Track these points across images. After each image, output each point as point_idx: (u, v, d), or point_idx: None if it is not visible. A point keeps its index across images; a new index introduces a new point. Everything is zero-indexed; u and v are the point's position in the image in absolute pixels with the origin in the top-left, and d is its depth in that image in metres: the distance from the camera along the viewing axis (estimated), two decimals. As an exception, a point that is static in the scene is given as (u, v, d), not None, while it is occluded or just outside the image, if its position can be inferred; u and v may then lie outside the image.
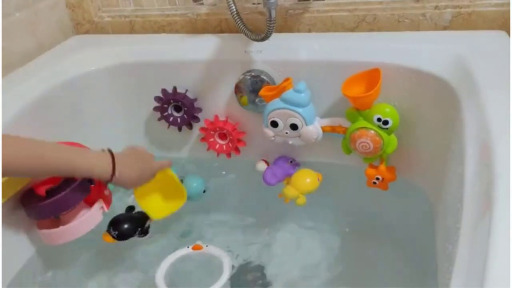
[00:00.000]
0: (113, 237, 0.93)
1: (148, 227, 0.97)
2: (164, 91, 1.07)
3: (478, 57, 0.84)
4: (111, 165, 0.76)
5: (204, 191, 1.09)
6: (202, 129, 1.10)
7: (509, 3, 0.93)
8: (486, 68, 0.80)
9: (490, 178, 0.57)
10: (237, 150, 1.09)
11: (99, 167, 0.75)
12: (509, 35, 0.92)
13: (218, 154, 1.11)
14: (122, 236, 0.94)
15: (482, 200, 0.57)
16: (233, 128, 1.07)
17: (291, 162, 1.06)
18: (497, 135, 0.63)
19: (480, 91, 0.74)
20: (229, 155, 1.11)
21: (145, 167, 0.85)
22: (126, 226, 0.94)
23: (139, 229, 0.96)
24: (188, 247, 0.97)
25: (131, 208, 0.99)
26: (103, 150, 0.79)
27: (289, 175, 1.03)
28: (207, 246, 0.97)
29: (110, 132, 1.14)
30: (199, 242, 0.98)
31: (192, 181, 1.08)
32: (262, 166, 1.08)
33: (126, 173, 0.79)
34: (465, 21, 0.97)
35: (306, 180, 0.98)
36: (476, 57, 0.84)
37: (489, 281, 0.45)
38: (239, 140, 1.08)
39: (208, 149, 1.11)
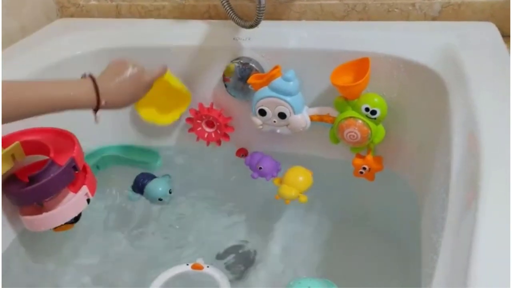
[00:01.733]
0: (72, 222, 0.91)
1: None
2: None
3: (467, 48, 0.84)
4: (94, 91, 0.70)
5: (170, 192, 1.08)
6: (189, 119, 1.09)
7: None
8: (474, 59, 0.80)
9: (477, 168, 0.57)
10: (226, 136, 1.08)
11: (81, 96, 0.69)
12: (497, 26, 0.93)
13: (208, 143, 1.10)
14: (77, 216, 0.91)
15: (468, 190, 0.57)
16: (219, 114, 1.06)
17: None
18: (484, 125, 0.64)
19: (468, 81, 0.74)
20: (219, 142, 1.10)
21: (136, 85, 0.77)
22: None
23: None
24: (187, 264, 0.92)
25: None
26: (83, 76, 0.73)
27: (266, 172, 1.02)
28: (208, 266, 0.91)
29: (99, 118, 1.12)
30: (199, 261, 0.91)
31: (157, 184, 1.07)
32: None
33: (114, 96, 0.72)
34: (454, 12, 0.97)
35: (299, 178, 0.95)
36: (464, 48, 0.84)
37: (474, 271, 0.46)
38: (226, 126, 1.07)
39: (197, 140, 1.10)
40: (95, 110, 0.72)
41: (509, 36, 0.91)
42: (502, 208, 0.52)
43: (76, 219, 0.92)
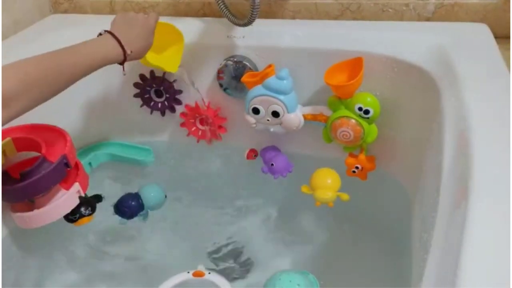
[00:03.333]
0: (88, 215, 0.90)
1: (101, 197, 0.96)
2: (142, 76, 1.05)
3: (460, 48, 0.85)
4: (118, 45, 0.74)
5: (165, 196, 1.05)
6: (183, 114, 1.08)
7: (491, -4, 0.94)
8: (467, 60, 0.81)
9: (467, 168, 0.58)
10: (218, 136, 1.08)
11: (109, 52, 0.74)
12: (490, 27, 0.93)
13: (198, 140, 1.10)
14: (94, 207, 0.92)
15: (459, 189, 0.58)
16: (214, 114, 1.05)
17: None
18: (475, 125, 0.64)
19: (460, 82, 0.75)
20: (209, 141, 1.10)
21: (148, 30, 0.82)
22: (90, 202, 0.92)
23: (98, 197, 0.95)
24: (188, 272, 0.88)
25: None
26: (100, 34, 0.77)
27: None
28: (209, 273, 0.88)
29: (92, 115, 1.11)
30: (201, 268, 0.89)
31: (149, 190, 1.03)
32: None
33: (135, 45, 0.77)
34: (448, 13, 0.97)
35: (327, 181, 0.93)
36: (457, 48, 0.85)
37: (463, 269, 0.46)
38: (220, 127, 1.07)
39: (188, 135, 1.10)
40: (122, 62, 0.77)
41: (501, 37, 0.92)
42: (491, 207, 0.52)
43: (93, 210, 0.91)
